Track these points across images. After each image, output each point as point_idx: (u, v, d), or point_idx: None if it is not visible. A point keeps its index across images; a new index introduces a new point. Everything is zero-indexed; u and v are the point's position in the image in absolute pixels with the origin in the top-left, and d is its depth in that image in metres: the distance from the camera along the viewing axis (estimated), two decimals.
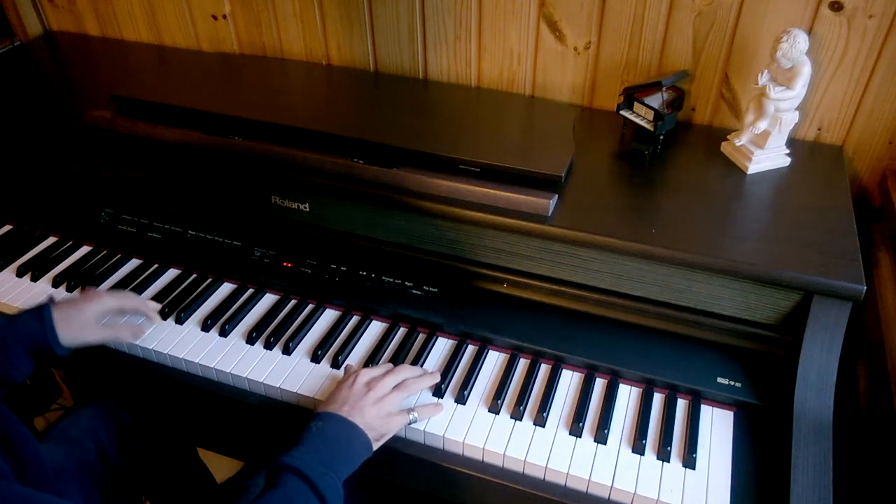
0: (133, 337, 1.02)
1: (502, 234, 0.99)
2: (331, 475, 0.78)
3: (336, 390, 0.89)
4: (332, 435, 0.82)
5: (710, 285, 0.93)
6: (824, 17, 1.05)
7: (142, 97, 1.21)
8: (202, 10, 1.47)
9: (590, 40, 1.21)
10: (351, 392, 0.87)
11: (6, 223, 1.28)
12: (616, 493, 0.84)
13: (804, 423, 0.86)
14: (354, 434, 0.83)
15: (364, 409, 0.85)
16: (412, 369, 0.95)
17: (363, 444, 0.84)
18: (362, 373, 0.91)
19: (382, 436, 0.88)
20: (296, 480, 0.76)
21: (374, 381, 0.89)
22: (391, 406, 0.88)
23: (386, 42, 1.35)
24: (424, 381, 0.94)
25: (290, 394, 0.96)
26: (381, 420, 0.86)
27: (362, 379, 0.90)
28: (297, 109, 1.20)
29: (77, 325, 0.96)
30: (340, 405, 0.86)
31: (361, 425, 0.84)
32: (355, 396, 0.87)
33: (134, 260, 1.18)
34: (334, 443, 0.82)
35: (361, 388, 0.88)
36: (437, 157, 1.04)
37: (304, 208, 1.10)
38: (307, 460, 0.78)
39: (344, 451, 0.82)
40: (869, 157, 1.15)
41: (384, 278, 1.08)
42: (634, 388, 0.96)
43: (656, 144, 1.12)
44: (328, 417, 0.84)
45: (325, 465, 0.79)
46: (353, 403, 0.86)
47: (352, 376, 0.90)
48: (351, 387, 0.88)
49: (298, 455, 0.78)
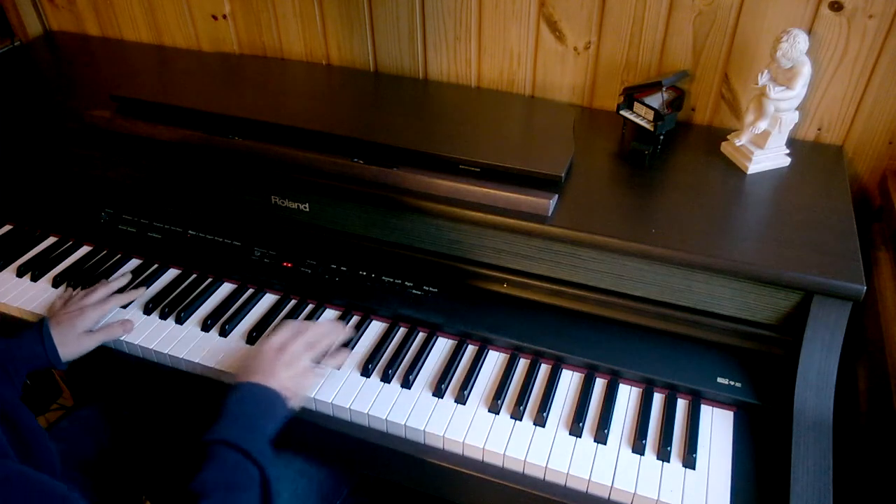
0: (125, 331, 1.03)
1: (502, 234, 0.99)
2: (257, 438, 0.82)
3: (249, 358, 0.92)
4: (250, 402, 0.86)
5: (710, 285, 0.93)
6: (824, 17, 1.05)
7: (142, 97, 1.22)
8: (202, 10, 1.47)
9: (590, 40, 1.21)
10: (261, 359, 0.91)
11: (6, 223, 1.28)
12: (616, 493, 0.84)
13: (804, 423, 0.86)
14: (271, 397, 0.87)
15: (277, 373, 0.89)
16: (319, 326, 0.98)
17: (281, 404, 0.87)
18: (270, 340, 0.94)
19: (297, 394, 0.91)
20: (226, 450, 0.79)
21: (283, 346, 0.92)
22: (302, 366, 0.92)
23: (386, 42, 1.35)
24: (332, 336, 0.98)
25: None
26: (293, 380, 0.90)
27: (271, 346, 0.93)
28: (297, 109, 1.20)
29: (73, 339, 0.99)
30: (254, 373, 0.89)
31: (276, 387, 0.87)
32: (267, 362, 0.90)
33: (134, 260, 1.19)
34: (253, 409, 0.85)
35: (272, 354, 0.91)
36: (437, 157, 1.04)
37: (304, 208, 1.10)
38: (232, 431, 0.81)
39: (263, 415, 0.85)
40: (869, 157, 1.15)
41: (384, 278, 1.08)
42: (634, 388, 0.96)
43: (656, 144, 1.12)
44: (244, 387, 0.87)
45: (250, 430, 0.82)
46: (265, 370, 0.89)
47: (258, 345, 0.94)
48: (260, 354, 0.92)
49: (224, 427, 0.81)
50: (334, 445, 0.97)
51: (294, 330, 0.96)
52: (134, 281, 1.13)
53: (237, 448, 0.79)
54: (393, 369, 0.98)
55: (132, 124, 1.17)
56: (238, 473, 0.78)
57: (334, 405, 0.94)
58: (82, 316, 1.01)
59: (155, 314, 1.08)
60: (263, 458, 0.81)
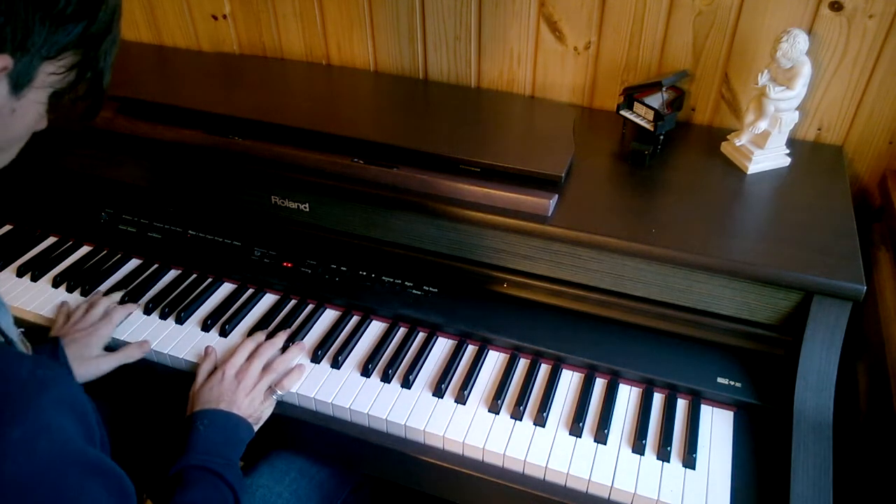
0: (142, 352, 1.02)
1: (502, 234, 0.99)
2: (230, 465, 0.85)
3: (207, 387, 0.93)
4: (219, 430, 0.88)
5: (710, 285, 0.93)
6: (824, 17, 1.05)
7: (142, 97, 1.21)
8: (202, 10, 1.47)
9: (590, 40, 1.21)
10: (222, 388, 0.93)
11: (6, 223, 1.28)
12: (616, 493, 0.84)
13: (804, 423, 0.86)
14: (237, 424, 0.90)
15: (238, 401, 0.92)
16: (273, 347, 1.00)
17: (246, 429, 0.90)
18: (228, 365, 0.95)
19: (259, 420, 0.94)
20: (207, 475, 0.82)
21: (242, 372, 0.95)
22: (261, 393, 0.95)
23: (386, 42, 1.35)
24: (287, 358, 0.99)
25: (289, 394, 0.96)
26: (253, 407, 0.93)
27: (230, 372, 0.95)
28: (298, 109, 1.20)
29: (88, 359, 0.98)
30: (217, 401, 0.91)
31: (240, 414, 0.90)
32: (228, 391, 0.92)
33: (134, 260, 1.18)
34: (223, 436, 0.88)
35: (231, 382, 0.93)
36: (437, 157, 1.04)
37: (304, 208, 1.10)
38: (208, 458, 0.84)
39: (233, 441, 0.88)
40: (869, 157, 1.15)
41: (384, 278, 1.08)
42: (634, 388, 0.96)
43: (656, 144, 1.12)
44: (211, 414, 0.89)
45: (222, 457, 0.85)
46: (228, 399, 0.91)
47: (219, 371, 0.95)
48: (221, 382, 0.93)
49: (199, 454, 0.84)
50: (335, 445, 0.97)
51: (248, 350, 0.98)
52: (131, 284, 1.12)
53: (215, 473, 0.82)
54: (393, 369, 0.98)
55: (132, 124, 1.17)
56: (217, 494, 0.82)
57: (334, 405, 0.94)
58: (96, 334, 1.00)
59: (155, 314, 1.08)
60: (237, 482, 0.84)
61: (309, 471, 1.03)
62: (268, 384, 0.95)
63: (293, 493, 0.99)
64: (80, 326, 1.01)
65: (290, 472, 1.01)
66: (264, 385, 0.95)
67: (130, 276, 1.14)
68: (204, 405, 0.90)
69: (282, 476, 1.00)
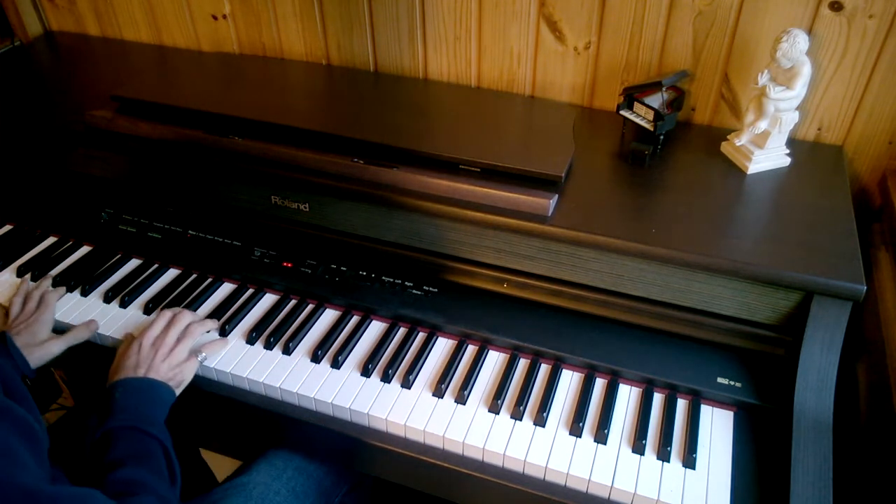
0: (90, 332, 1.03)
1: (502, 234, 0.99)
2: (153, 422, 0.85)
3: (124, 357, 0.94)
4: (137, 395, 0.88)
5: (709, 285, 0.93)
6: (824, 17, 1.05)
7: (142, 97, 1.22)
8: (202, 10, 1.47)
9: (590, 40, 1.21)
10: (140, 356, 0.93)
11: (6, 223, 1.28)
12: (616, 493, 0.84)
13: (804, 423, 0.86)
14: (154, 386, 0.90)
15: (157, 367, 0.92)
16: (190, 314, 1.01)
17: (166, 391, 0.91)
18: (146, 335, 0.96)
19: (181, 382, 0.95)
20: (126, 431, 0.83)
21: (159, 340, 0.96)
22: (180, 357, 0.95)
23: (386, 42, 1.35)
24: (206, 324, 1.01)
25: (290, 394, 0.96)
26: (174, 370, 0.94)
27: (147, 341, 0.95)
28: (297, 109, 1.20)
29: (36, 345, 0.98)
30: (135, 369, 0.91)
31: (159, 378, 0.91)
32: (145, 359, 0.93)
33: (134, 260, 1.18)
34: (141, 398, 0.88)
35: (149, 350, 0.94)
36: (437, 157, 1.04)
37: (304, 208, 1.10)
38: (126, 418, 0.84)
39: (152, 401, 0.89)
40: (869, 157, 1.15)
41: (384, 278, 1.08)
42: (634, 388, 0.96)
43: (656, 144, 1.12)
44: (126, 382, 0.89)
45: (143, 416, 0.85)
46: (146, 366, 0.92)
47: (136, 341, 0.95)
48: (139, 351, 0.94)
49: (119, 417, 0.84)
50: (334, 445, 0.97)
51: (166, 321, 0.99)
52: (131, 284, 1.12)
53: (135, 429, 0.83)
54: (393, 369, 0.98)
55: (133, 124, 1.17)
56: (142, 445, 0.82)
57: (334, 405, 0.94)
58: (38, 321, 1.01)
59: (155, 314, 1.08)
60: (160, 432, 0.85)
61: (307, 468, 1.03)
62: (186, 348, 0.96)
63: (291, 491, 0.99)
64: (21, 319, 1.02)
65: (287, 469, 1.01)
66: (183, 349, 0.96)
67: (130, 276, 1.14)
68: (120, 375, 0.91)
69: (279, 473, 1.00)
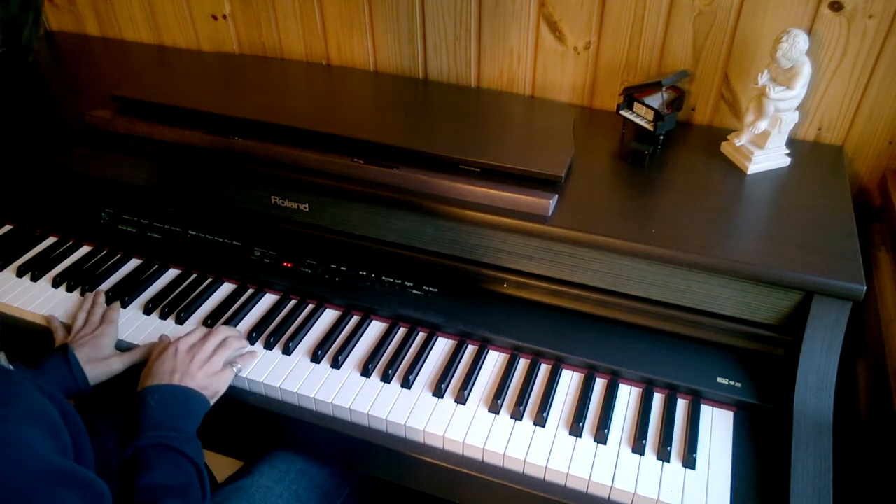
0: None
1: (502, 234, 0.99)
2: (188, 439, 0.84)
3: (159, 361, 0.92)
4: (171, 404, 0.87)
5: (709, 285, 0.93)
6: (824, 17, 1.05)
7: (142, 97, 1.21)
8: (202, 10, 1.47)
9: (590, 40, 1.21)
10: (177, 361, 0.91)
11: (6, 223, 1.28)
12: (616, 493, 0.84)
13: (804, 423, 0.86)
14: (190, 396, 0.88)
15: (193, 374, 0.90)
16: (228, 327, 1.00)
17: (201, 401, 0.89)
18: (182, 341, 0.95)
19: (216, 392, 0.93)
20: (163, 452, 0.81)
21: (196, 347, 0.94)
22: (217, 366, 0.94)
23: (386, 42, 1.35)
24: (244, 340, 1.01)
25: (289, 394, 0.96)
26: (210, 379, 0.92)
27: (183, 347, 0.94)
28: (297, 109, 1.20)
29: (99, 360, 0.97)
30: (170, 375, 0.89)
31: (194, 387, 0.89)
32: (182, 364, 0.91)
33: (134, 260, 1.18)
34: (175, 409, 0.86)
35: (185, 356, 0.92)
36: (437, 157, 1.04)
37: (304, 208, 1.10)
38: (163, 434, 0.82)
39: (186, 413, 0.87)
40: (869, 157, 1.15)
41: (384, 278, 1.08)
42: (634, 388, 0.96)
43: (656, 144, 1.12)
44: (161, 389, 0.87)
45: (178, 431, 0.83)
46: (182, 371, 0.90)
47: (172, 346, 0.94)
48: (175, 356, 0.92)
49: (153, 431, 0.82)
50: (335, 445, 0.97)
51: (204, 331, 0.99)
52: (131, 284, 1.12)
53: (172, 449, 0.81)
54: (393, 369, 0.98)
55: (132, 124, 1.17)
56: (177, 468, 0.81)
57: (334, 405, 0.94)
58: (104, 335, 1.00)
59: (155, 314, 1.08)
60: (197, 456, 0.83)
61: (309, 471, 1.03)
62: (223, 358, 0.95)
63: (293, 493, 0.99)
64: (85, 332, 1.01)
65: (289, 471, 1.01)
66: (220, 358, 0.95)
67: (130, 276, 1.14)
68: (154, 380, 0.89)
69: (282, 476, 1.00)
